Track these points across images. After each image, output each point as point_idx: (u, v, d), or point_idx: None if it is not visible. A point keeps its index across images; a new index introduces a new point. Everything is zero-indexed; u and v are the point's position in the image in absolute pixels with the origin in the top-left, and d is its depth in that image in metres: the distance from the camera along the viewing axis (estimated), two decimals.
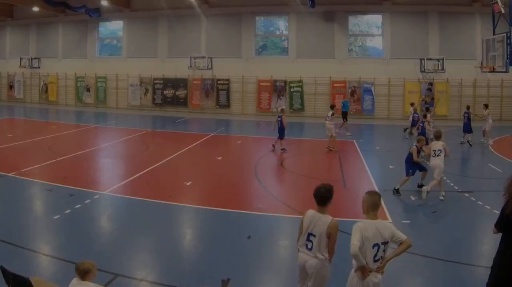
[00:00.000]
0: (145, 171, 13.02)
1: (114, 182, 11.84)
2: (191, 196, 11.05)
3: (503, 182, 4.68)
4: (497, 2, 21.68)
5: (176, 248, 7.74)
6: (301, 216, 5.07)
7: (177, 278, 6.44)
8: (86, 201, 9.83)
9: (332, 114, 17.26)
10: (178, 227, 8.98)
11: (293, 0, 27.59)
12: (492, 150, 17.75)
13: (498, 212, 4.69)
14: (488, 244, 7.67)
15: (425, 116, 16.77)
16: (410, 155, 11.11)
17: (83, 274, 4.34)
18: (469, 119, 18.70)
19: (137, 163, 14.49)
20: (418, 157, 11.13)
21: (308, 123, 26.07)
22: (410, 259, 7.15)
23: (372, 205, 4.68)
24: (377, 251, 4.53)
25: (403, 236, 4.63)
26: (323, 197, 4.85)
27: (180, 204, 10.02)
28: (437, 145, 10.88)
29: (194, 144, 17.98)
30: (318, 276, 4.86)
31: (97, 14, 29.76)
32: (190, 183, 11.84)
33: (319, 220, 4.82)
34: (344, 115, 22.58)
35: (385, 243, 4.56)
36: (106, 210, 9.76)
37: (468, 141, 18.45)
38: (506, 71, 21.83)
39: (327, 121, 17.19)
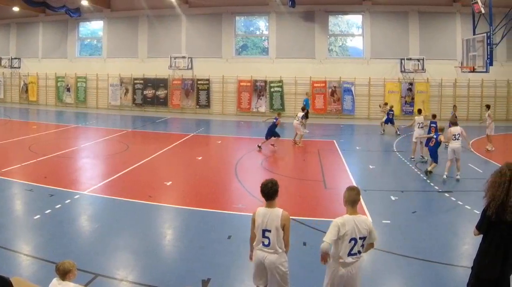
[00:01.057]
0: (125, 171, 12.86)
1: (94, 182, 11.65)
2: (171, 196, 10.90)
3: (484, 183, 4.64)
4: (477, 2, 21.27)
5: (157, 248, 7.60)
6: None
7: (157, 278, 6.36)
8: (67, 201, 9.74)
9: (303, 116, 18.10)
10: (158, 227, 8.77)
11: (273, 0, 26.94)
12: (472, 150, 17.11)
13: (478, 212, 4.69)
14: (468, 244, 7.68)
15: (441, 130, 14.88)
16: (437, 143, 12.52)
17: (63, 274, 4.31)
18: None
19: (117, 163, 14.25)
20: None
21: (288, 123, 25.34)
22: (391, 259, 7.22)
23: (350, 200, 4.71)
24: (354, 245, 4.57)
25: (376, 236, 4.75)
26: (270, 191, 4.88)
27: (160, 204, 9.93)
28: (456, 130, 12.25)
29: (175, 144, 17.75)
30: (280, 270, 4.86)
31: (77, 14, 28.96)
32: (170, 183, 11.70)
33: (271, 215, 4.84)
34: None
35: (363, 238, 4.61)
36: (86, 210, 9.57)
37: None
38: (486, 71, 21.37)
39: (295, 121, 17.61)
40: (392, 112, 21.10)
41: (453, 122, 12.65)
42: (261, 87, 28.10)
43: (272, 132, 16.71)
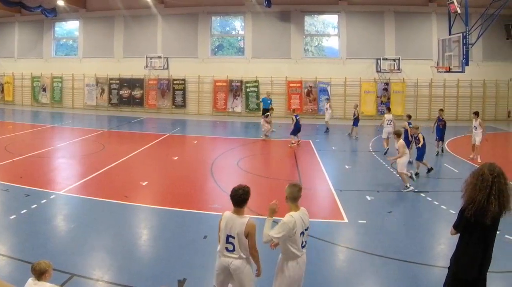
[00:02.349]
0: (101, 171, 12.62)
1: (70, 182, 11.37)
2: (147, 196, 10.73)
3: (462, 182, 4.50)
4: (453, 2, 20.79)
5: (133, 248, 7.44)
6: (257, 216, 5.11)
7: (133, 278, 6.24)
8: (43, 201, 9.55)
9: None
10: (134, 227, 8.60)
11: (249, 0, 26.20)
12: (448, 150, 16.91)
13: (454, 212, 5.18)
14: (444, 244, 7.58)
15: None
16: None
17: (39, 274, 4.26)
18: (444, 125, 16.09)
19: (93, 163, 13.85)
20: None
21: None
22: (366, 259, 7.08)
23: (291, 197, 4.72)
24: (302, 237, 4.68)
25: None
26: (240, 198, 4.74)
27: (136, 204, 9.76)
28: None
29: (150, 144, 17.37)
30: (244, 276, 4.74)
31: (53, 14, 28.04)
32: (146, 183, 11.48)
33: (236, 221, 4.70)
34: (264, 112, 21.49)
35: (307, 228, 4.74)
36: (62, 210, 9.34)
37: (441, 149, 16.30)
38: (462, 71, 20.88)
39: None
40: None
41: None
42: (237, 87, 27.32)
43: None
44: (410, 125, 14.41)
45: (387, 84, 26.71)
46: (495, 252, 4.49)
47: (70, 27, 30.45)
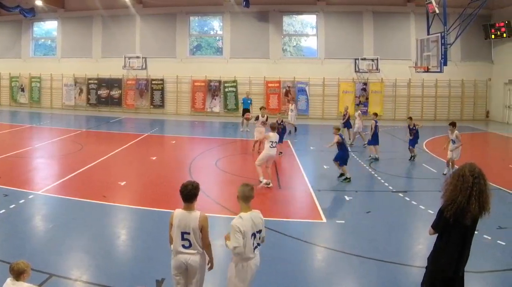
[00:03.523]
0: (80, 170, 12.35)
1: (48, 182, 11.16)
2: (125, 196, 10.52)
3: (442, 182, 4.49)
4: (431, 2, 20.33)
5: (111, 248, 7.33)
6: (235, 216, 4.71)
7: (111, 278, 6.14)
8: (21, 201, 9.40)
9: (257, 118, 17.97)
10: (112, 226, 8.43)
11: (227, 0, 25.53)
12: (426, 150, 16.53)
13: (432, 212, 5.30)
14: (422, 244, 7.49)
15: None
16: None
17: (18, 274, 4.18)
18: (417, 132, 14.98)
19: (72, 163, 13.55)
20: None
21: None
22: (345, 259, 7.01)
23: (243, 197, 4.62)
24: (254, 239, 4.56)
25: (264, 234, 4.75)
26: (189, 194, 4.69)
27: (114, 204, 9.59)
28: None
29: (129, 144, 17.04)
30: (201, 270, 4.74)
31: (31, 14, 27.17)
32: (124, 182, 11.29)
33: (189, 217, 4.63)
34: (244, 112, 20.88)
35: (259, 231, 4.63)
36: (40, 210, 9.17)
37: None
38: (441, 71, 20.41)
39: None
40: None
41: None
42: (215, 87, 26.63)
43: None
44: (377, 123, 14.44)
45: (365, 84, 26.18)
46: (473, 252, 4.46)
47: (49, 27, 29.64)
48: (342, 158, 11.73)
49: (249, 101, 21.37)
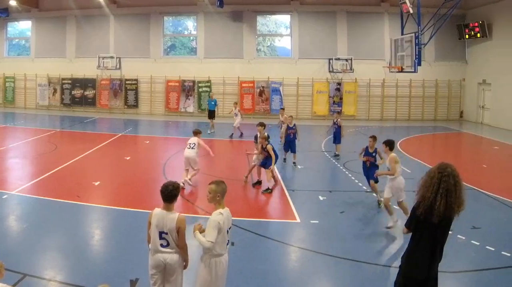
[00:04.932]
0: (54, 171, 12.13)
1: (22, 182, 10.97)
2: (99, 196, 10.35)
3: (415, 181, 4.39)
4: (405, 2, 19.89)
5: (85, 248, 7.19)
6: (208, 216, 4.71)
7: (85, 278, 6.02)
8: None
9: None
10: (86, 226, 8.29)
11: (201, 0, 24.77)
12: (400, 149, 16.12)
13: None
14: (396, 244, 7.44)
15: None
16: None
17: None
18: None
19: (46, 163, 13.32)
20: None
21: (216, 123, 24.37)
22: (319, 259, 6.93)
23: (223, 193, 4.60)
24: (228, 234, 4.58)
25: None
26: (170, 194, 4.64)
27: (88, 204, 9.45)
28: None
29: (103, 144, 16.75)
30: (180, 269, 4.70)
31: (5, 14, 26.52)
32: (98, 182, 11.13)
33: (167, 217, 4.59)
34: (210, 114, 20.35)
35: (230, 227, 4.67)
36: (14, 210, 8.96)
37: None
38: (415, 71, 19.90)
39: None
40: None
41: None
42: (189, 87, 25.88)
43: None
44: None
45: (339, 84, 25.56)
46: (447, 252, 4.40)
47: (23, 27, 28.75)
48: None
49: (213, 103, 20.82)
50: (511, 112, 21.72)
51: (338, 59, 25.40)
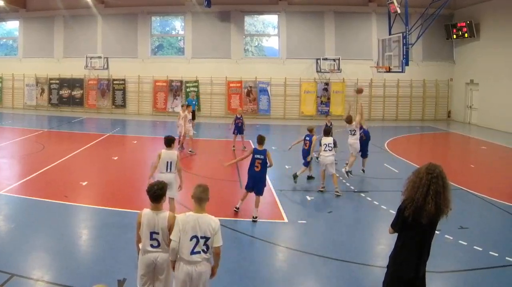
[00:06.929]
0: (41, 171, 11.91)
1: (10, 182, 10.74)
2: (87, 195, 10.16)
3: (403, 181, 4.23)
4: (393, 2, 19.31)
5: (73, 248, 7.05)
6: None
7: (73, 278, 5.90)
8: None
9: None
10: (74, 226, 8.14)
11: (189, 0, 24.02)
12: (388, 149, 15.83)
13: (394, 212, 4.30)
14: (384, 244, 7.25)
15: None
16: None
17: None
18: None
19: (33, 163, 13.00)
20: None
21: (204, 123, 23.58)
22: (306, 259, 6.79)
23: (195, 197, 4.41)
24: (196, 243, 4.23)
25: (219, 242, 4.31)
26: (155, 194, 4.56)
27: (76, 204, 9.29)
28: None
29: (90, 144, 16.41)
30: (169, 268, 4.57)
31: None
32: (86, 182, 10.91)
33: (157, 217, 4.52)
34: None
35: (205, 238, 4.24)
36: (2, 210, 8.75)
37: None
38: (402, 71, 19.32)
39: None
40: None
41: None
42: (177, 87, 25.07)
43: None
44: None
45: (327, 84, 24.94)
46: (435, 252, 4.32)
47: (10, 27, 27.81)
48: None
49: (194, 103, 20.24)
50: (498, 112, 21.14)
51: (326, 59, 24.75)
